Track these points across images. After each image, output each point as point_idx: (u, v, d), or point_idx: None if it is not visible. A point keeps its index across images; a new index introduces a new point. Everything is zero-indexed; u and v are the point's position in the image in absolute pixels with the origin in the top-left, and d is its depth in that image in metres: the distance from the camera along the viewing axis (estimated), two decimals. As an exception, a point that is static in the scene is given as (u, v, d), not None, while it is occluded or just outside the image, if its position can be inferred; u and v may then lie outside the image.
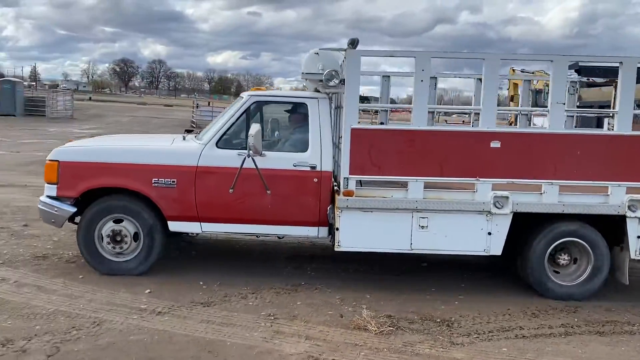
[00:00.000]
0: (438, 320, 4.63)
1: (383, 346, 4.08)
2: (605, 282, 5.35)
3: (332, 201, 5.20)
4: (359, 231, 5.16)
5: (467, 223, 5.15)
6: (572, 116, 7.24)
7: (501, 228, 5.16)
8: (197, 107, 32.23)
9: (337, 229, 5.11)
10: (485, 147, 5.04)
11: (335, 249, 5.15)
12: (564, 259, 5.35)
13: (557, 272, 5.38)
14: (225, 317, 4.50)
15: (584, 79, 7.08)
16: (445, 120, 32.27)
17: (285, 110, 5.82)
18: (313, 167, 5.30)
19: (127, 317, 4.40)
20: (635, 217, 5.10)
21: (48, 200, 5.38)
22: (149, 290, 4.98)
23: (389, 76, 7.23)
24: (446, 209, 5.12)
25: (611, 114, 5.88)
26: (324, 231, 5.40)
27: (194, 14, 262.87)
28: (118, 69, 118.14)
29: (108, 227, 5.36)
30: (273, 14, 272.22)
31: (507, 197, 5.07)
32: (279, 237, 6.02)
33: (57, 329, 4.10)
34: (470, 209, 5.12)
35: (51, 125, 24.64)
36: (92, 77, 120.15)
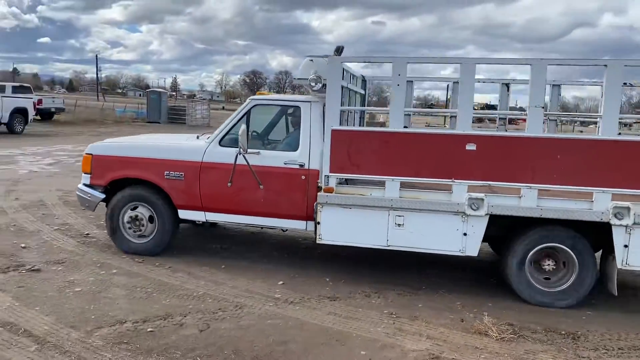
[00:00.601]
0: (563, 332, 4.58)
1: (504, 351, 4.16)
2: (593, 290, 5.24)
3: None
4: (338, 226, 5.49)
5: (443, 223, 5.26)
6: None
7: (477, 229, 5.21)
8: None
9: (319, 223, 5.47)
10: (461, 149, 5.11)
11: (317, 242, 5.52)
12: (549, 265, 5.29)
13: (541, 278, 5.33)
14: (351, 311, 4.84)
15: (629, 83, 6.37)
16: (581, 131, 29.99)
17: (287, 114, 6.27)
18: (302, 165, 5.71)
19: (264, 304, 4.90)
20: (621, 225, 4.92)
21: (84, 188, 6.35)
22: (282, 282, 5.48)
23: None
24: (421, 209, 5.29)
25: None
26: (311, 225, 5.71)
27: (319, 25, 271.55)
28: (248, 80, 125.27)
29: (129, 213, 6.18)
30: (397, 23, 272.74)
31: (482, 199, 5.13)
32: (283, 230, 6.50)
33: (206, 309, 4.70)
34: (445, 209, 5.22)
35: (191, 132, 26.88)
36: (225, 87, 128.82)
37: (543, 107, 5.04)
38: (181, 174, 5.99)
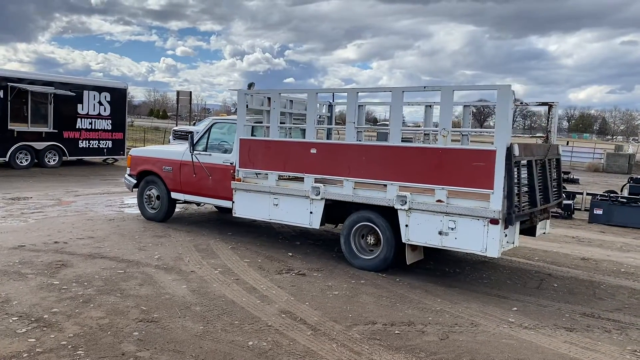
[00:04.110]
0: None
1: None
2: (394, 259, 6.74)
3: None
4: (244, 205, 7.94)
5: (299, 204, 7.33)
6: None
7: (318, 209, 7.19)
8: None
9: (233, 202, 8.01)
10: (308, 152, 7.19)
11: (233, 215, 8.10)
12: (370, 239, 6.99)
13: (367, 248, 7.05)
14: (588, 343, 4.86)
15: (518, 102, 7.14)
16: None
17: (231, 129, 8.56)
18: (232, 163, 8.17)
19: (498, 325, 5.22)
20: (403, 209, 6.39)
21: (126, 176, 9.91)
22: (515, 309, 5.72)
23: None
24: (288, 194, 7.44)
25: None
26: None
27: (557, 50, 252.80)
28: (475, 110, 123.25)
29: (146, 192, 9.47)
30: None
31: (319, 188, 7.09)
32: (217, 208, 9.42)
33: (444, 322, 5.23)
34: (300, 194, 7.30)
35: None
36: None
37: (354, 123, 6.92)
38: (171, 168, 9.08)
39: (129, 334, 4.58)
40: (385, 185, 6.57)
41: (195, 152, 8.57)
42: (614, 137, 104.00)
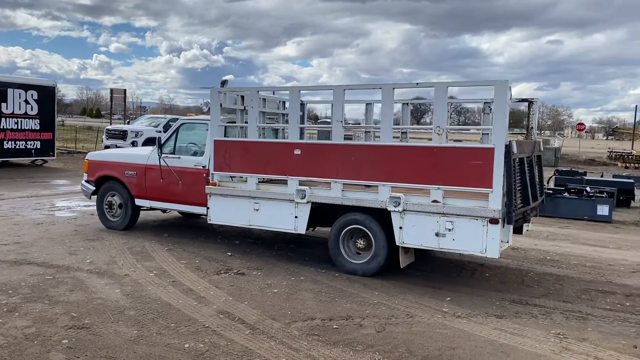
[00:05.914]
0: None
1: (680, 380, 4.10)
2: (387, 262, 6.49)
3: None
4: (220, 210, 7.38)
5: (283, 208, 6.91)
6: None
7: (304, 213, 6.80)
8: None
9: (208, 208, 7.46)
10: (291, 154, 6.77)
11: (208, 222, 7.57)
12: (360, 242, 6.68)
13: (354, 252, 6.76)
14: (517, 329, 5.09)
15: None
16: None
17: (202, 130, 8.05)
18: (204, 167, 7.70)
19: (432, 315, 5.38)
20: (397, 211, 6.14)
21: (84, 183, 9.13)
22: (449, 298, 5.90)
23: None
24: (270, 198, 7.00)
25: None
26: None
27: (489, 48, 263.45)
28: (412, 107, 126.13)
29: (107, 200, 8.75)
30: (577, 41, 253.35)
31: (305, 191, 6.71)
32: (191, 215, 9.17)
33: (381, 315, 5.33)
34: (284, 198, 6.88)
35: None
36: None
37: (342, 122, 6.61)
38: (135, 173, 8.46)
39: (57, 342, 4.39)
40: (377, 187, 6.31)
41: (162, 155, 8.06)
42: (542, 131, 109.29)
